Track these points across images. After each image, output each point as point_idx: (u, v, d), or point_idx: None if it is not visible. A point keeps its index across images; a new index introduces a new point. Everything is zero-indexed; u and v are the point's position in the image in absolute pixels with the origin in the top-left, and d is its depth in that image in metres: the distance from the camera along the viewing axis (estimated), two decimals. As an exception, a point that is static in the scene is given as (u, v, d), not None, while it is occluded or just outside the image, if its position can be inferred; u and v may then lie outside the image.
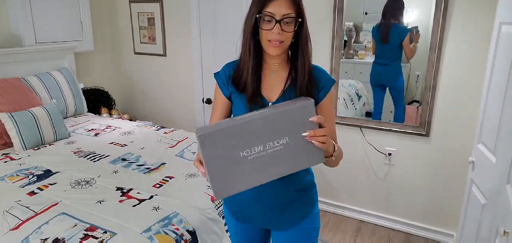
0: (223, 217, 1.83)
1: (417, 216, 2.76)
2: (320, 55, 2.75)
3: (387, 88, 2.69)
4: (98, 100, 3.47)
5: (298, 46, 1.15)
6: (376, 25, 2.58)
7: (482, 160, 1.92)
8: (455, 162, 2.52)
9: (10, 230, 1.53)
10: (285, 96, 1.17)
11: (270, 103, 1.19)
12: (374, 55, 2.67)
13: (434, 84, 2.45)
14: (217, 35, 3.21)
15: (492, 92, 1.89)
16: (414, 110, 2.62)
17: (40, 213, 1.63)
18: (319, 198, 3.05)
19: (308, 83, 1.15)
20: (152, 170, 2.11)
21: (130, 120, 3.33)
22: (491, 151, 1.81)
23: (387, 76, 2.64)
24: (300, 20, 1.10)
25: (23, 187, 1.87)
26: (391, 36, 2.53)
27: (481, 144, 1.98)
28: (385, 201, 2.85)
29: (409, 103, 2.66)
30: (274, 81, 1.20)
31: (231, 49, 3.16)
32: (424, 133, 2.56)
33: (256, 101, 1.18)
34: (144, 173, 2.07)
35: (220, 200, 0.83)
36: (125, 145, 2.50)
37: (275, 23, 1.07)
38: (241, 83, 1.21)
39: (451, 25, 2.32)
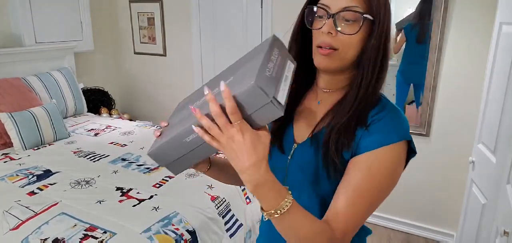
0: (223, 217, 1.83)
1: (417, 216, 2.76)
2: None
3: (411, 86, 2.68)
4: (98, 100, 3.47)
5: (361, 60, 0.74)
6: (409, 24, 2.52)
7: (482, 160, 1.92)
8: (455, 162, 2.52)
9: (10, 230, 1.53)
10: (313, 141, 0.78)
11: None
12: (397, 54, 2.63)
13: (434, 84, 2.45)
14: (217, 35, 3.21)
15: (492, 92, 1.89)
16: (414, 111, 2.62)
17: (40, 213, 1.63)
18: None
19: (353, 120, 0.73)
20: (152, 170, 2.11)
21: (130, 120, 3.33)
22: (491, 151, 1.81)
23: (418, 75, 2.57)
24: (369, 18, 0.71)
25: (23, 187, 1.87)
26: (427, 35, 2.44)
27: (481, 144, 1.98)
28: (385, 201, 2.83)
29: (409, 104, 2.67)
30: (314, 114, 0.81)
31: (231, 49, 3.17)
32: (424, 133, 2.56)
33: (277, 141, 0.84)
34: (144, 173, 2.07)
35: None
36: (125, 144, 2.49)
37: (328, 19, 0.72)
38: None
39: (451, 26, 2.32)
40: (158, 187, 1.90)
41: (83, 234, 1.50)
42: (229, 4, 3.07)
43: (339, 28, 0.71)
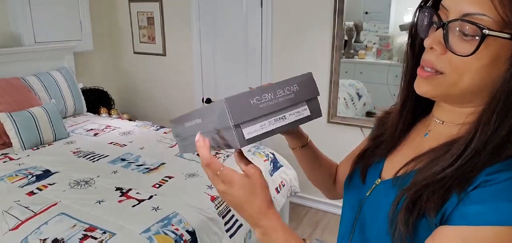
0: (223, 217, 1.83)
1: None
2: (320, 55, 2.74)
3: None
4: (97, 100, 3.46)
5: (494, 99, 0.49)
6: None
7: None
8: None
9: (9, 230, 1.52)
10: (395, 184, 0.59)
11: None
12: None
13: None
14: (217, 35, 3.20)
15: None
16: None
17: (39, 213, 1.62)
18: (319, 199, 3.05)
19: (450, 179, 0.50)
20: (152, 170, 2.10)
21: (130, 120, 3.32)
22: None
23: None
24: (503, 36, 0.47)
25: (22, 187, 1.87)
26: None
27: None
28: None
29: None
30: (414, 148, 0.62)
31: (231, 49, 3.16)
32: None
33: (362, 167, 0.69)
34: (143, 173, 2.06)
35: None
36: (125, 145, 2.49)
37: (437, 28, 0.52)
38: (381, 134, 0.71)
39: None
40: (157, 187, 1.89)
41: (82, 234, 1.49)
42: (229, 4, 3.06)
43: (451, 44, 0.50)
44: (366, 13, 2.72)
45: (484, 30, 0.46)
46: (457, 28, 0.49)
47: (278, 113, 0.57)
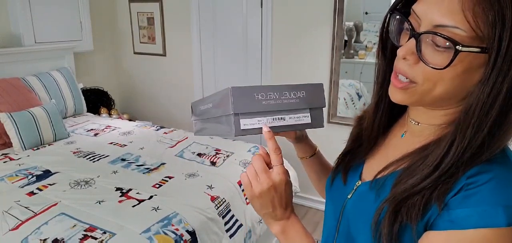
0: (223, 217, 1.83)
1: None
2: (320, 55, 2.75)
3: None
4: (97, 100, 3.47)
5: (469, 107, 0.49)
6: None
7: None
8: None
9: (10, 230, 1.52)
10: (372, 187, 0.60)
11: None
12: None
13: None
14: (217, 35, 3.20)
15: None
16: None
17: (39, 214, 1.62)
18: (319, 199, 3.04)
19: (429, 189, 0.50)
20: (152, 170, 2.10)
21: (130, 120, 3.32)
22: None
23: None
24: (473, 50, 0.46)
25: (22, 187, 1.87)
26: None
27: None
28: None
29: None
30: (392, 149, 0.63)
31: (231, 49, 3.16)
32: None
33: (343, 168, 0.70)
34: (143, 173, 2.06)
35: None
36: (125, 145, 2.49)
37: (409, 38, 0.51)
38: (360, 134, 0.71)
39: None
40: (157, 187, 1.90)
41: (82, 234, 1.49)
42: (229, 4, 3.06)
43: (423, 54, 0.49)
44: (366, 13, 2.72)
45: (457, 46, 0.46)
46: (430, 40, 0.49)
47: (278, 114, 0.60)
